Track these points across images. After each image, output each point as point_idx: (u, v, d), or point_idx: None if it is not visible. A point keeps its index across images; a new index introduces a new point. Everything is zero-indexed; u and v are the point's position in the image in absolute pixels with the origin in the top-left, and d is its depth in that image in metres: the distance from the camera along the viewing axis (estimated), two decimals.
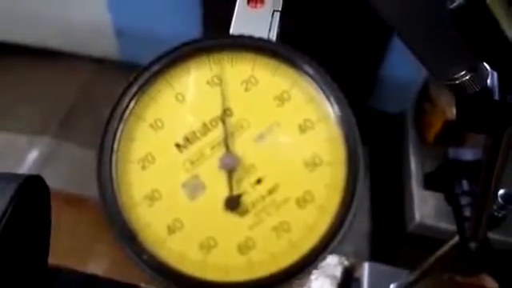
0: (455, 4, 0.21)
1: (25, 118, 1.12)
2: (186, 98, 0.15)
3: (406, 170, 0.93)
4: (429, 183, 0.52)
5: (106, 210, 0.14)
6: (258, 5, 0.17)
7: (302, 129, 0.15)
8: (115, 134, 0.15)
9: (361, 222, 0.99)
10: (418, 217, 0.87)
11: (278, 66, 0.15)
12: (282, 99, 0.15)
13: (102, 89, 1.09)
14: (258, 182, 0.15)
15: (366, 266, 0.65)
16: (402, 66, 0.86)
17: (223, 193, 0.15)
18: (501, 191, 0.47)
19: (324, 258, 0.14)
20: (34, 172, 0.79)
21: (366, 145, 1.10)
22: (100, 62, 1.12)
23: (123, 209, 0.15)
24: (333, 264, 0.72)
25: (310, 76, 0.15)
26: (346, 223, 0.14)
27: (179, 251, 0.14)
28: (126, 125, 0.15)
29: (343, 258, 0.73)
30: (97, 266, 0.56)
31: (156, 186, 0.15)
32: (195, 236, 0.15)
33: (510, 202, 0.46)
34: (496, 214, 0.47)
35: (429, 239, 0.85)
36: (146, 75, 0.15)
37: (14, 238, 0.17)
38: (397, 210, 0.94)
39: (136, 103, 0.15)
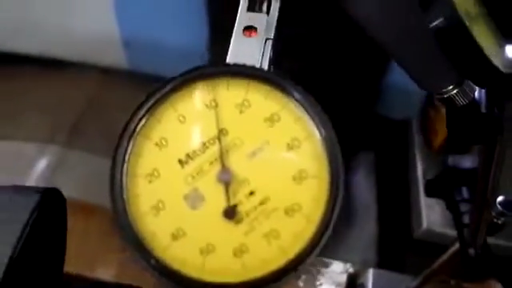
0: (434, 23, 0.23)
1: (33, 126, 1.14)
2: (187, 119, 0.17)
3: (413, 177, 0.95)
4: (429, 190, 0.54)
5: (117, 219, 0.17)
6: (253, 33, 0.19)
7: (290, 146, 0.17)
8: (125, 151, 0.17)
9: (368, 228, 0.99)
10: (424, 223, 0.88)
11: (269, 91, 0.17)
12: (272, 120, 0.17)
13: (109, 97, 1.12)
14: (251, 193, 0.17)
15: (371, 272, 0.67)
16: None
17: (221, 203, 0.17)
18: (500, 198, 0.49)
19: (309, 262, 0.16)
20: (43, 180, 0.82)
21: (372, 150, 1.11)
22: (107, 72, 1.14)
23: (132, 218, 0.17)
24: (338, 271, 0.74)
25: (298, 100, 0.17)
26: (329, 230, 0.16)
27: (182, 256, 0.17)
28: (134, 143, 0.17)
29: (348, 265, 0.75)
30: (105, 273, 0.58)
31: (161, 198, 0.17)
32: (196, 242, 0.17)
33: (510, 208, 0.48)
34: (496, 220, 0.48)
35: (436, 245, 0.86)
36: (153, 99, 0.17)
37: (35, 246, 0.19)
38: (404, 216, 0.95)
39: (144, 124, 0.17)
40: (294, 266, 0.16)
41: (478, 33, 0.24)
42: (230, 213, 0.17)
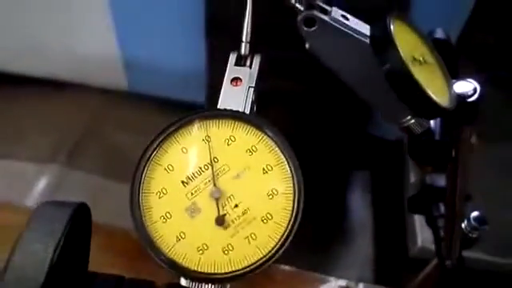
0: (385, 67, 0.30)
1: (34, 146, 1.20)
2: (188, 151, 0.25)
3: (407, 195, 1.00)
4: (411, 207, 0.60)
5: (135, 226, 0.23)
6: (238, 83, 0.26)
7: (265, 171, 0.24)
8: (142, 174, 0.24)
9: (364, 246, 1.05)
10: (419, 241, 0.93)
11: (249, 129, 0.24)
12: (251, 151, 0.24)
13: (110, 118, 1.19)
14: (236, 206, 0.24)
15: (361, 287, 0.73)
16: None
17: (213, 213, 0.24)
18: (473, 213, 0.56)
19: (278, 257, 0.22)
20: (44, 199, 0.90)
21: (368, 170, 1.17)
22: (108, 93, 1.21)
23: (146, 225, 0.24)
24: (332, 286, 0.80)
25: (270, 136, 0.24)
26: (292, 234, 0.23)
27: (183, 253, 0.23)
28: (148, 168, 0.24)
29: (341, 281, 0.81)
30: None
31: (168, 210, 0.24)
32: (194, 243, 0.23)
33: (482, 223, 0.55)
34: (470, 235, 0.55)
35: None
36: (163, 135, 0.24)
37: (69, 248, 0.26)
38: (399, 234, 1.00)
39: (156, 154, 0.24)
40: (267, 260, 0.23)
41: (424, 76, 0.31)
42: (220, 221, 0.24)
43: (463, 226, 0.55)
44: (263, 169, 0.24)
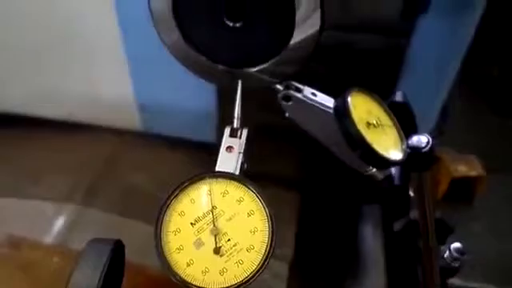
0: (343, 132, 0.43)
1: (51, 186, 1.34)
2: (195, 201, 0.38)
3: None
4: (398, 241, 0.71)
5: (158, 255, 0.36)
6: (232, 150, 0.40)
7: (249, 214, 0.37)
8: (162, 218, 0.37)
9: (376, 281, 1.14)
10: None
11: (237, 185, 0.37)
12: (240, 200, 0.37)
13: (125, 158, 1.33)
14: (228, 240, 0.36)
15: None
16: None
17: (212, 246, 0.36)
18: (454, 245, 0.67)
19: (258, 276, 0.35)
20: (61, 237, 1.05)
21: (378, 203, 1.27)
22: (124, 134, 1.36)
23: (166, 255, 0.36)
24: None
25: (252, 190, 0.37)
26: (268, 260, 0.35)
27: (192, 275, 0.36)
28: (167, 213, 0.37)
29: None
30: None
31: (181, 243, 0.37)
32: (199, 267, 0.36)
33: (462, 253, 0.66)
34: (452, 264, 0.66)
35: None
36: (178, 190, 0.37)
37: (110, 275, 0.39)
38: (411, 267, 1.09)
39: (172, 203, 0.37)
40: (250, 279, 0.35)
41: (376, 136, 0.44)
42: (217, 251, 0.36)
43: (445, 256, 0.66)
44: (248, 213, 0.37)
